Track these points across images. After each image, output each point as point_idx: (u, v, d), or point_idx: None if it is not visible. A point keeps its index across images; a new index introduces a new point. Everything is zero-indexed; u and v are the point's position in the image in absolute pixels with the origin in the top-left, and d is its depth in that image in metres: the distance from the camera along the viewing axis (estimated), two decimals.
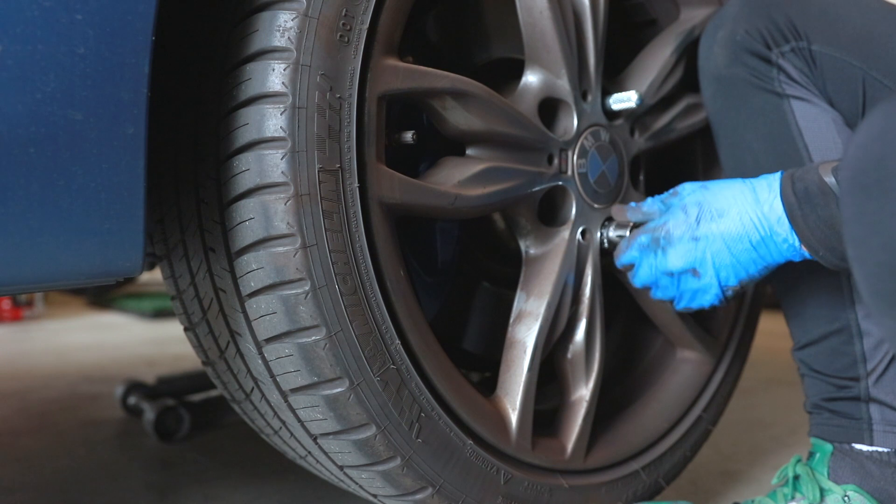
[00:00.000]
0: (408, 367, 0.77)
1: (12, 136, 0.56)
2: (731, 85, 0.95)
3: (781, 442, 1.46)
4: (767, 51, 0.91)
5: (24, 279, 0.59)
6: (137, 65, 0.61)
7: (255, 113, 0.70)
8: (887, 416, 0.93)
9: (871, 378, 0.93)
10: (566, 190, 0.94)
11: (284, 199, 0.69)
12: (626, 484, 0.99)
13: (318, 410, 0.75)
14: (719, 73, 0.96)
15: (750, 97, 0.93)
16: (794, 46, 0.90)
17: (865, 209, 0.58)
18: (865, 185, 0.58)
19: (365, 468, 0.78)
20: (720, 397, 1.14)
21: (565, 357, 0.96)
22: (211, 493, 1.18)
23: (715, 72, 0.97)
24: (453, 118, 0.82)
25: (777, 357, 2.25)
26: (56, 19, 0.57)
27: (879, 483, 0.92)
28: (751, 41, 0.91)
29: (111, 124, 0.60)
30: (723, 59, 0.95)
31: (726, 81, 0.95)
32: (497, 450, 0.85)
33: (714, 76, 0.97)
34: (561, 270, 0.92)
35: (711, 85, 0.98)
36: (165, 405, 1.46)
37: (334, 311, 0.71)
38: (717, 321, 1.15)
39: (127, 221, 0.62)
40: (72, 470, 1.30)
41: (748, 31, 0.92)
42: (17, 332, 2.88)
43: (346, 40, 0.72)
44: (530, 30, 0.91)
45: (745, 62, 0.92)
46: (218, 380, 0.89)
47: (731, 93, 0.95)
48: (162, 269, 0.88)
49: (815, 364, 0.97)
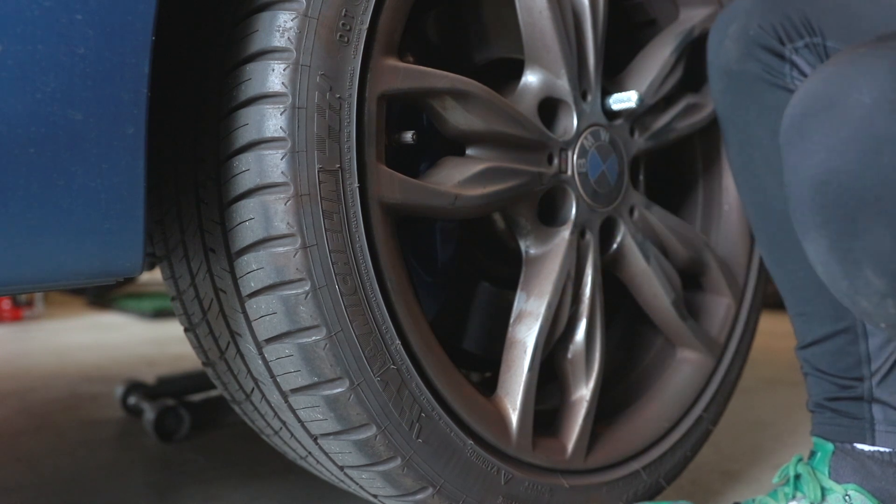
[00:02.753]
0: (408, 367, 0.77)
1: (12, 136, 0.56)
2: (742, 80, 0.94)
3: (782, 441, 1.46)
4: (781, 46, 0.90)
5: (24, 279, 0.59)
6: (137, 65, 0.61)
7: (254, 113, 0.70)
8: (890, 417, 0.93)
9: (875, 378, 0.93)
10: (566, 190, 0.94)
11: (284, 200, 0.69)
12: (627, 484, 0.99)
13: (318, 411, 0.75)
14: (730, 67, 0.95)
15: (761, 93, 0.92)
16: (809, 42, 0.89)
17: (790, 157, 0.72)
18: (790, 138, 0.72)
19: (365, 468, 0.78)
20: (721, 397, 1.14)
21: (565, 357, 0.96)
22: (211, 493, 1.18)
23: (726, 66, 0.95)
24: (453, 118, 0.82)
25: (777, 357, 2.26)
26: (56, 19, 0.57)
27: (881, 483, 0.92)
28: (764, 36, 0.90)
29: (111, 124, 0.60)
30: (734, 53, 0.94)
31: (737, 77, 0.94)
32: (497, 450, 0.85)
33: (725, 71, 0.96)
34: (561, 270, 0.92)
35: (722, 80, 0.97)
36: (165, 405, 1.46)
37: (334, 311, 0.71)
38: (717, 321, 1.15)
39: (127, 221, 0.62)
40: (72, 470, 1.30)
41: (761, 26, 0.90)
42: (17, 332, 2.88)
43: (345, 40, 0.72)
44: (530, 30, 0.91)
45: (757, 57, 0.91)
46: (218, 380, 0.89)
47: (741, 88, 0.94)
48: (162, 270, 0.88)
49: (819, 363, 0.97)
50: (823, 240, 0.70)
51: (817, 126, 0.68)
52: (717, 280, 1.15)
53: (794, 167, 0.72)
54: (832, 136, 0.67)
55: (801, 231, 0.73)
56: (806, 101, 0.71)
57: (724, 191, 1.19)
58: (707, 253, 1.13)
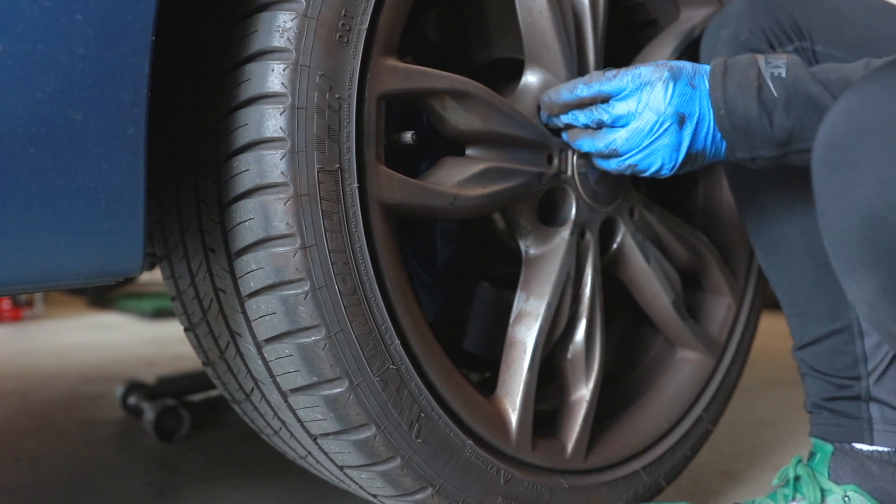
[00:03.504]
0: (407, 367, 0.77)
1: (12, 136, 0.56)
2: None
3: (781, 442, 1.46)
4: (771, 50, 0.91)
5: (24, 279, 0.59)
6: (137, 65, 0.61)
7: (254, 113, 0.70)
8: (888, 416, 0.93)
9: (871, 377, 0.93)
10: (566, 190, 0.94)
11: (284, 200, 0.69)
12: (627, 484, 0.99)
13: (317, 411, 0.75)
14: None
15: None
16: (798, 46, 0.90)
17: (831, 182, 0.64)
18: (831, 161, 0.64)
19: (365, 468, 0.78)
20: (721, 397, 1.14)
21: (565, 357, 0.96)
22: (211, 493, 1.18)
23: None
24: (453, 118, 0.82)
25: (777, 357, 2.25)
26: (56, 19, 0.57)
27: (880, 483, 0.92)
28: (755, 40, 0.91)
29: (111, 124, 0.60)
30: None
31: None
32: (497, 450, 0.85)
33: None
34: (561, 270, 0.92)
35: None
36: (165, 405, 1.46)
37: (334, 311, 0.71)
38: (717, 321, 1.15)
39: (127, 221, 0.62)
40: (72, 470, 1.30)
41: (752, 31, 0.91)
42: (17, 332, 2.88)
43: (345, 40, 0.72)
44: (530, 30, 0.91)
45: None
46: (218, 380, 0.89)
47: None
48: (162, 270, 0.88)
49: (815, 363, 0.97)
50: (873, 278, 0.63)
51: (865, 151, 0.61)
52: (717, 280, 1.15)
53: (837, 196, 0.64)
54: (888, 164, 0.59)
55: (846, 267, 0.66)
56: (849, 121, 0.63)
57: (724, 191, 1.19)
58: (707, 253, 1.13)
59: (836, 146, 0.64)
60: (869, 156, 0.61)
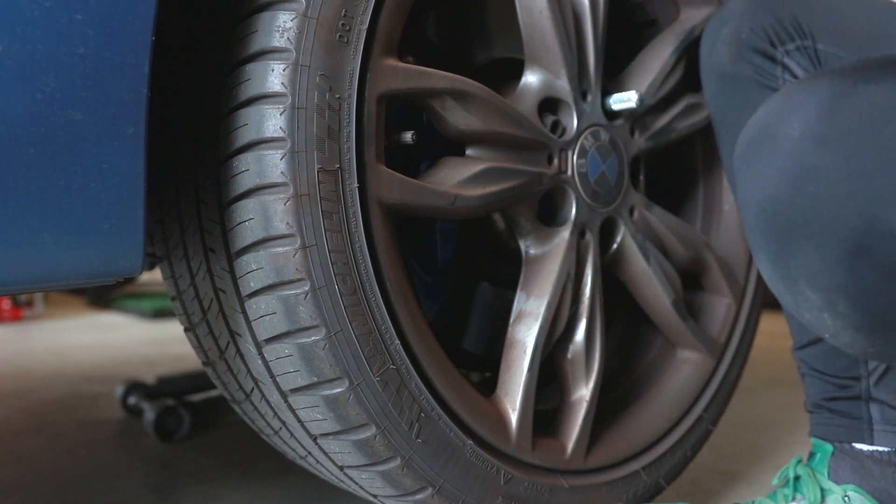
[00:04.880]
0: (407, 367, 0.77)
1: (12, 136, 0.56)
2: (734, 83, 0.95)
3: (781, 442, 1.46)
4: (772, 49, 0.91)
5: (24, 279, 0.59)
6: (137, 65, 0.61)
7: (254, 113, 0.70)
8: (888, 416, 0.93)
9: (872, 377, 0.93)
10: (566, 190, 0.94)
11: (284, 200, 0.69)
12: (627, 484, 0.99)
13: (317, 411, 0.75)
14: (723, 70, 0.95)
15: (753, 95, 0.93)
16: (800, 45, 0.90)
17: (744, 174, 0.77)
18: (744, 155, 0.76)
19: (365, 468, 0.78)
20: (721, 397, 1.14)
21: (565, 357, 0.96)
22: (211, 493, 1.18)
23: (718, 69, 0.96)
24: (453, 118, 0.82)
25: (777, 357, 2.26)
26: (56, 19, 0.57)
27: (880, 482, 0.92)
28: (756, 39, 0.91)
29: (111, 124, 0.60)
30: (727, 56, 0.94)
31: (730, 79, 0.95)
32: (497, 450, 0.85)
33: (717, 74, 0.96)
34: (561, 270, 0.92)
35: (714, 83, 0.98)
36: (165, 405, 1.46)
37: (334, 311, 0.71)
38: (717, 321, 1.15)
39: (127, 221, 0.62)
40: (72, 470, 1.30)
41: (753, 29, 0.91)
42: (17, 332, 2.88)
43: (345, 40, 0.72)
44: (530, 30, 0.91)
45: (749, 60, 0.92)
46: (218, 380, 0.89)
47: (734, 91, 0.95)
48: (162, 270, 0.88)
49: (815, 363, 0.97)
50: (767, 260, 0.75)
51: (758, 155, 0.74)
52: (718, 280, 1.15)
53: (742, 193, 0.77)
54: (769, 166, 0.72)
55: (753, 252, 0.78)
56: (752, 131, 0.76)
57: (724, 191, 1.19)
58: (707, 253, 1.13)
59: (742, 153, 0.77)
60: (759, 159, 0.74)
